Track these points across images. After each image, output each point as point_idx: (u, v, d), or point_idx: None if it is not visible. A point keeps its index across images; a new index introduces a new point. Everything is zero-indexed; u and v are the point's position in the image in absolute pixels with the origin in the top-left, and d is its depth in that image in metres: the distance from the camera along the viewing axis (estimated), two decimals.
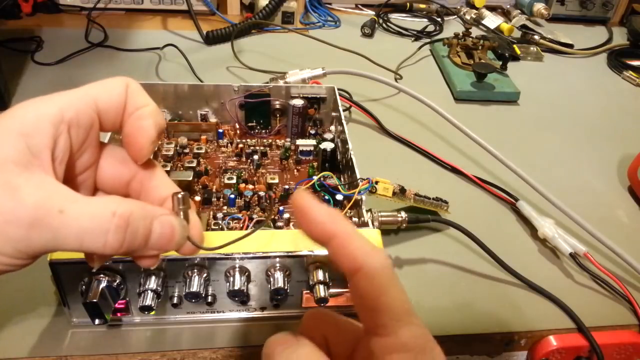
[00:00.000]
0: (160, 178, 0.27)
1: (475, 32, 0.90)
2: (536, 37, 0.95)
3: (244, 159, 0.53)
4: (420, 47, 0.89)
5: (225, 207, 0.47)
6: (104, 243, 0.22)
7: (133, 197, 0.27)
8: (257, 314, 0.40)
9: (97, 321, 0.34)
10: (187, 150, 0.53)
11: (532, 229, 0.51)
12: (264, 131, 0.57)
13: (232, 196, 0.47)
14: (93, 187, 0.27)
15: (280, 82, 0.64)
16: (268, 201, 0.47)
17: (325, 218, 0.23)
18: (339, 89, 0.59)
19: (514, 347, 0.42)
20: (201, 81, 0.71)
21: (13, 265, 0.22)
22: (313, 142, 0.54)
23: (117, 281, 0.35)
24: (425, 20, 1.01)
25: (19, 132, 0.22)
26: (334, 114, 0.58)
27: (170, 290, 0.37)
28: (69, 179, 0.25)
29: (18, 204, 0.21)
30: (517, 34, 0.98)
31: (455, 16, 1.04)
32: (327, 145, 0.51)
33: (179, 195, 0.26)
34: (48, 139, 0.23)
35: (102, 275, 0.35)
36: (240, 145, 0.55)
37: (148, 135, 0.25)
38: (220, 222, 0.45)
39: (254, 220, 0.45)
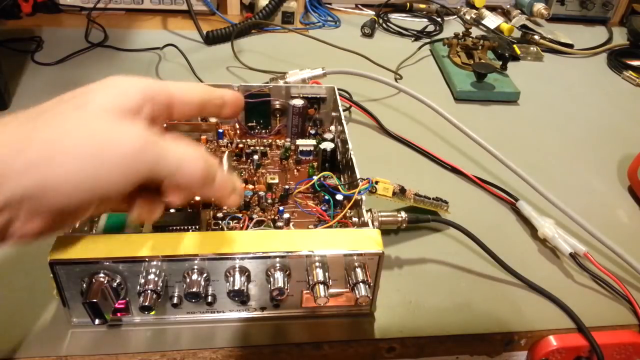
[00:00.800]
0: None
1: (475, 32, 0.90)
2: (536, 37, 0.95)
3: (244, 159, 0.53)
4: (420, 47, 0.89)
5: (225, 207, 0.47)
6: (201, 168, 0.29)
7: None
8: (257, 314, 0.40)
9: (97, 321, 0.34)
10: None
11: (532, 229, 0.51)
12: (264, 131, 0.57)
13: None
14: None
15: (280, 82, 0.64)
16: (268, 200, 0.48)
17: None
18: (339, 89, 0.59)
19: (514, 347, 0.42)
20: (201, 81, 0.71)
21: (122, 186, 0.27)
22: (313, 142, 0.54)
23: (117, 281, 0.35)
24: (425, 20, 1.01)
25: (116, 94, 0.28)
26: (334, 114, 0.58)
27: (170, 290, 0.37)
28: None
29: (126, 136, 0.27)
30: (517, 34, 0.98)
31: (455, 16, 1.04)
32: (327, 145, 0.51)
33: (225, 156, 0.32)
34: (138, 101, 0.29)
35: (102, 275, 0.35)
36: (240, 145, 0.55)
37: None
38: (220, 222, 0.45)
39: (254, 220, 0.45)
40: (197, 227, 0.43)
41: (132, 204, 0.31)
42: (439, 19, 1.00)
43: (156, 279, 0.36)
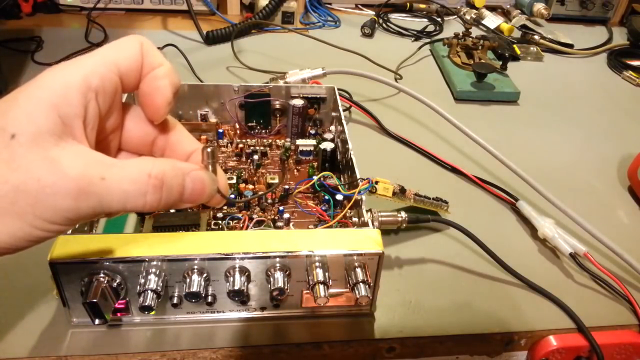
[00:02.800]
0: (183, 134, 0.29)
1: (475, 32, 0.90)
2: (536, 37, 0.95)
3: (244, 159, 0.53)
4: (420, 47, 0.89)
5: (225, 207, 0.47)
6: (144, 203, 0.24)
7: (157, 155, 0.28)
8: (257, 314, 0.40)
9: (97, 321, 0.34)
10: None
11: (532, 229, 0.51)
12: (264, 131, 0.57)
13: (232, 196, 0.47)
14: (117, 148, 0.28)
15: (280, 82, 0.64)
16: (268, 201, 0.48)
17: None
18: (339, 89, 0.59)
19: (514, 347, 0.42)
20: (201, 81, 0.71)
21: (64, 230, 0.24)
22: (313, 142, 0.55)
23: (117, 281, 0.35)
24: (425, 20, 1.01)
25: (49, 102, 0.22)
26: (334, 114, 0.58)
27: (170, 290, 0.37)
28: (97, 143, 0.26)
29: (62, 176, 0.22)
30: (517, 34, 0.98)
31: (455, 16, 1.04)
32: (327, 145, 0.51)
33: (208, 150, 0.27)
34: (79, 108, 0.23)
35: (102, 275, 0.35)
36: (240, 145, 0.55)
37: (164, 96, 0.26)
38: (220, 222, 0.45)
39: (254, 220, 0.45)
40: (197, 227, 0.43)
41: None
42: (439, 19, 1.00)
43: (156, 279, 0.36)
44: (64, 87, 0.23)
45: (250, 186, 0.49)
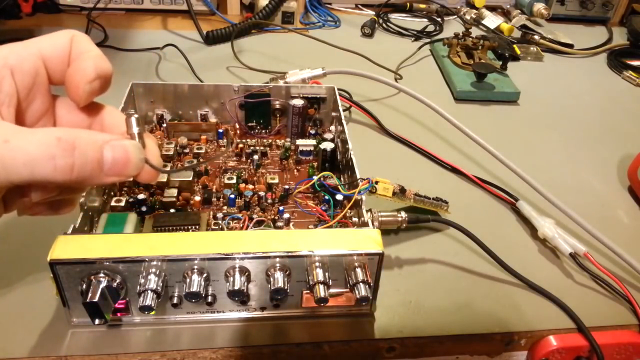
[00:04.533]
0: (118, 117, 0.28)
1: (475, 32, 0.90)
2: (536, 37, 0.95)
3: (244, 159, 0.53)
4: (420, 47, 0.89)
5: (225, 207, 0.47)
6: (54, 168, 0.23)
7: None
8: (257, 314, 0.40)
9: (97, 321, 0.34)
10: (187, 150, 0.53)
11: (532, 229, 0.51)
12: (264, 131, 0.57)
13: (232, 196, 0.47)
14: None
15: (280, 82, 0.64)
16: (268, 200, 0.47)
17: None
18: (339, 89, 0.59)
19: (514, 347, 0.42)
20: (201, 81, 0.71)
21: None
22: (313, 142, 0.54)
23: (117, 281, 0.35)
24: (425, 20, 1.01)
25: None
26: (334, 114, 0.58)
27: (170, 290, 0.37)
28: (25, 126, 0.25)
29: None
30: (517, 34, 0.98)
31: (455, 16, 1.04)
32: (327, 145, 0.51)
33: (133, 118, 0.25)
34: None
35: (102, 275, 0.35)
36: (240, 145, 0.55)
37: (85, 75, 0.26)
38: (220, 222, 0.45)
39: (254, 220, 0.45)
40: (197, 227, 0.43)
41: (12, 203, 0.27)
42: (439, 19, 1.00)
43: (156, 279, 0.36)
44: None
45: (250, 186, 0.49)
